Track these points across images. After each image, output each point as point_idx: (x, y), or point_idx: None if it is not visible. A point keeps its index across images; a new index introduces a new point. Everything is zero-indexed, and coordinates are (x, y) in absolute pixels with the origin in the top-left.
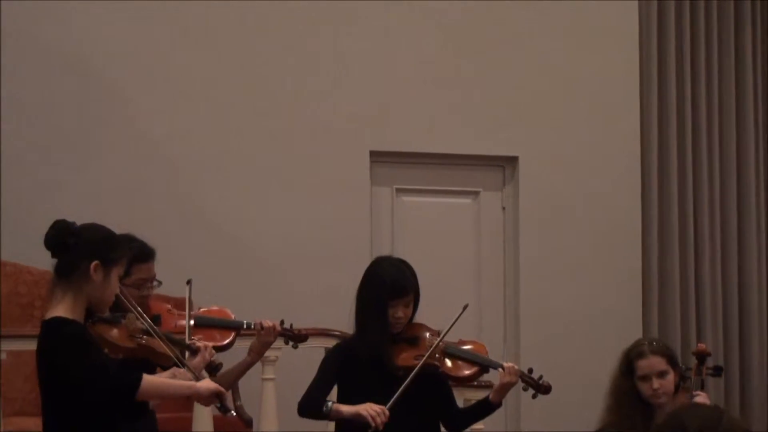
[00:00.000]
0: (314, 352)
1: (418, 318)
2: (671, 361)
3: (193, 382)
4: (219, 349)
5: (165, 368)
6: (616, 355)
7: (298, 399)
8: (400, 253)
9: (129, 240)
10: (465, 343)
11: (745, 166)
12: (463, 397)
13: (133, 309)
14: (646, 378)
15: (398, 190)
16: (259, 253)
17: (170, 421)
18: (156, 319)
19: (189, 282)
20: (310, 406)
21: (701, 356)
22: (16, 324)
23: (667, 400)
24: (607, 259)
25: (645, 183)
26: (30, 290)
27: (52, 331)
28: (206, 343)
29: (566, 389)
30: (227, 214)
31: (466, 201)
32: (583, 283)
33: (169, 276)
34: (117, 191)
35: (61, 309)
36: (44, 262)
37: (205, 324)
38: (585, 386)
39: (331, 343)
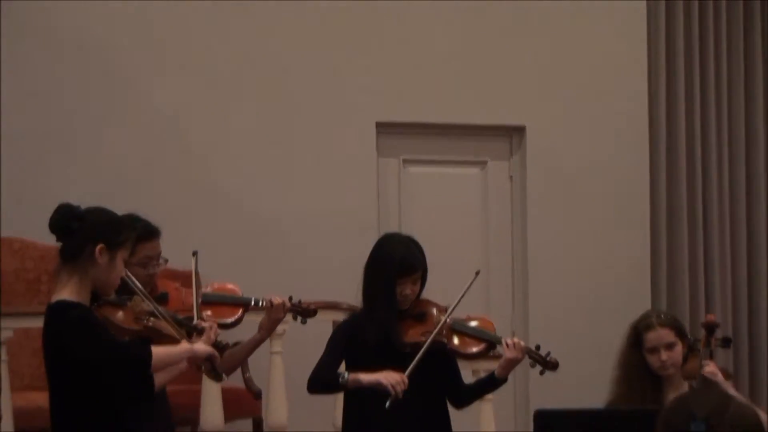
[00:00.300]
0: (322, 326)
1: (428, 289)
2: (679, 332)
3: (189, 345)
4: (227, 325)
5: None
6: (625, 326)
7: (306, 372)
8: (407, 224)
9: (133, 219)
10: (472, 319)
11: (753, 133)
12: (471, 368)
13: (138, 291)
14: (654, 350)
15: (405, 161)
16: (266, 224)
17: (179, 394)
18: (164, 297)
19: (195, 253)
20: (322, 380)
21: (710, 327)
22: (24, 299)
23: (676, 372)
24: (615, 228)
25: (653, 151)
26: (36, 265)
27: (58, 315)
28: (212, 323)
29: (575, 360)
30: (234, 186)
31: (473, 171)
32: (591, 252)
33: (176, 249)
34: (124, 166)
35: (67, 292)
36: (51, 237)
37: (213, 301)
38: (594, 357)
39: (340, 316)
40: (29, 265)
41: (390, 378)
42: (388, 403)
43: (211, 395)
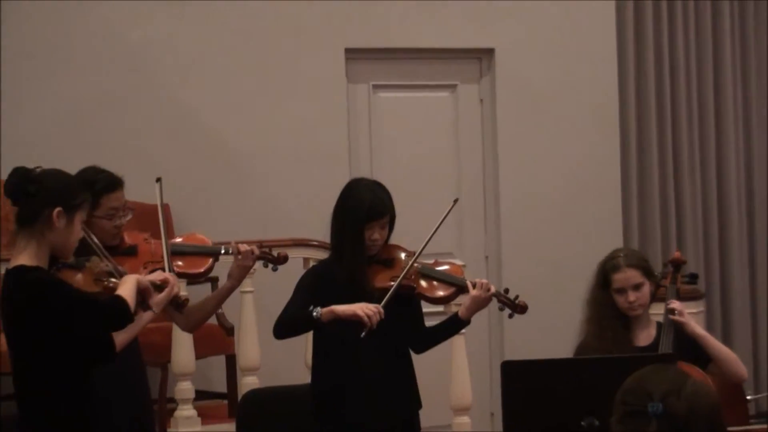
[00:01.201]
0: (293, 263)
1: (401, 214)
2: (646, 272)
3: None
4: (197, 276)
5: None
6: (596, 249)
7: (277, 309)
8: (378, 149)
9: (96, 171)
10: (441, 264)
11: (721, 64)
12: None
13: (98, 249)
14: (621, 291)
15: (375, 87)
16: (234, 153)
17: (150, 332)
18: (132, 250)
19: (159, 180)
20: (293, 320)
21: (676, 264)
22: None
23: (643, 312)
24: (585, 149)
25: (622, 71)
26: None
27: (16, 279)
28: (174, 278)
29: (547, 283)
30: (201, 115)
31: (443, 95)
32: (562, 173)
33: (146, 182)
34: (93, 97)
35: (25, 257)
36: None
37: (181, 252)
38: (566, 280)
39: (310, 253)
40: None
41: (366, 309)
42: (363, 334)
43: (182, 337)
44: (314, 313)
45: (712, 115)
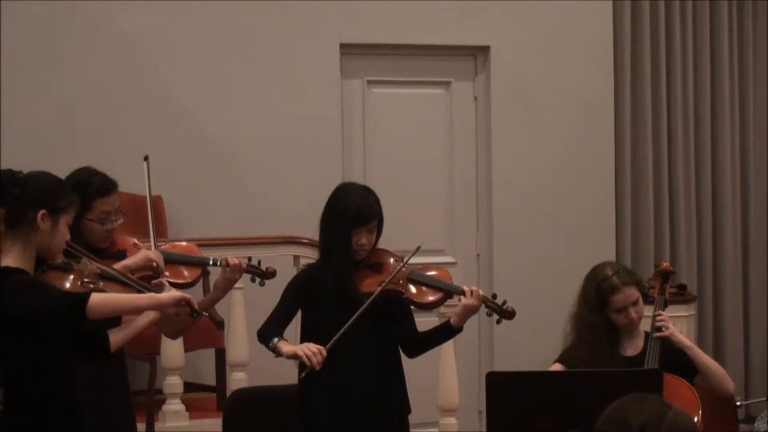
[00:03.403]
0: (283, 260)
1: (395, 210)
2: (639, 286)
3: (153, 293)
4: (184, 285)
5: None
6: (589, 247)
7: (267, 306)
8: (372, 145)
9: (89, 174)
10: (429, 269)
11: (718, 33)
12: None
13: (86, 256)
14: (622, 310)
15: (369, 82)
16: (229, 149)
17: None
18: (122, 255)
19: (146, 158)
20: (263, 337)
21: (665, 275)
22: None
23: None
24: (579, 147)
25: (617, 70)
26: None
27: (3, 281)
28: (167, 283)
29: (540, 282)
30: (195, 110)
31: (437, 91)
32: (555, 171)
33: (139, 175)
34: (89, 90)
35: (10, 259)
36: (29, 168)
37: (170, 260)
38: (560, 278)
39: (301, 251)
40: None
41: (306, 350)
42: (303, 374)
43: None
44: (269, 344)
45: (708, 116)
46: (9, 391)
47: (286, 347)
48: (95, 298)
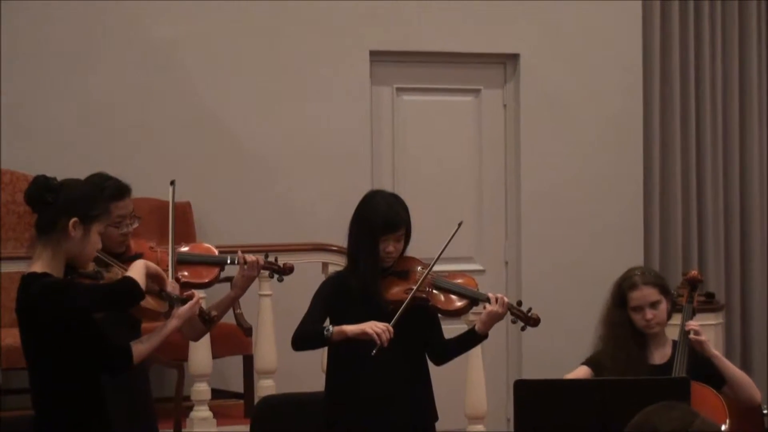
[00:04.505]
0: (312, 267)
1: (423, 219)
2: (663, 290)
3: (172, 319)
4: (202, 285)
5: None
6: (618, 256)
7: (295, 312)
8: (401, 153)
9: (103, 178)
10: (455, 276)
11: (746, 58)
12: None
13: (116, 265)
14: (638, 309)
15: (398, 90)
16: (259, 155)
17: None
18: (138, 258)
19: (173, 183)
20: (307, 335)
21: (693, 283)
22: (15, 232)
23: (660, 330)
24: (608, 156)
25: (646, 78)
26: None
27: (28, 288)
28: (196, 296)
29: (569, 290)
30: (226, 116)
31: (467, 99)
32: (584, 179)
33: (167, 181)
34: (116, 95)
35: (39, 265)
36: (59, 173)
37: (188, 261)
38: (589, 285)
39: (329, 258)
40: (20, 198)
41: (375, 327)
42: (374, 351)
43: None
44: (325, 333)
45: (737, 125)
46: (38, 397)
47: (349, 328)
48: (136, 353)
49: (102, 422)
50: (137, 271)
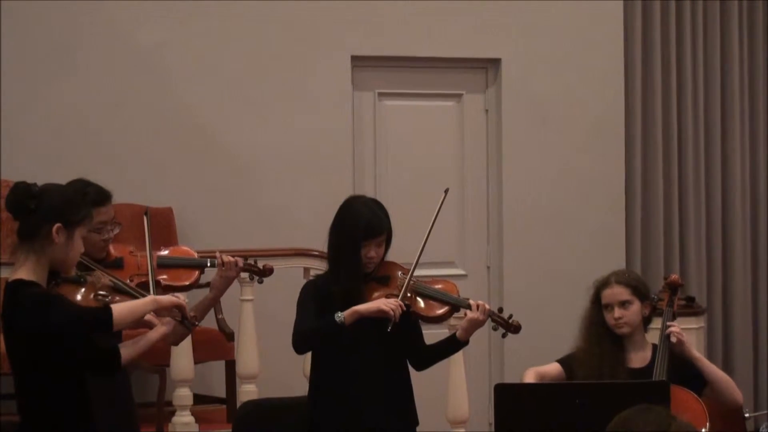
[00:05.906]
0: (293, 272)
1: (404, 224)
2: (636, 291)
3: (152, 296)
4: (183, 288)
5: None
6: (600, 261)
7: (277, 317)
8: (383, 158)
9: (84, 184)
10: (436, 282)
11: (728, 56)
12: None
13: (99, 269)
14: (608, 307)
15: (380, 95)
16: (240, 159)
17: None
18: (118, 263)
19: (146, 212)
20: (316, 329)
21: (673, 287)
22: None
23: (631, 331)
24: (590, 161)
25: (628, 83)
26: None
27: (12, 294)
28: (180, 300)
29: (550, 296)
30: (207, 121)
31: (448, 104)
32: (566, 185)
33: (150, 186)
34: (98, 100)
35: (23, 272)
36: (42, 178)
37: (167, 264)
38: (570, 291)
39: (311, 263)
40: None
41: (389, 304)
42: (389, 327)
43: (182, 344)
44: (337, 318)
45: (719, 131)
46: (24, 401)
47: (361, 307)
48: (115, 312)
49: (88, 428)
50: (130, 304)
